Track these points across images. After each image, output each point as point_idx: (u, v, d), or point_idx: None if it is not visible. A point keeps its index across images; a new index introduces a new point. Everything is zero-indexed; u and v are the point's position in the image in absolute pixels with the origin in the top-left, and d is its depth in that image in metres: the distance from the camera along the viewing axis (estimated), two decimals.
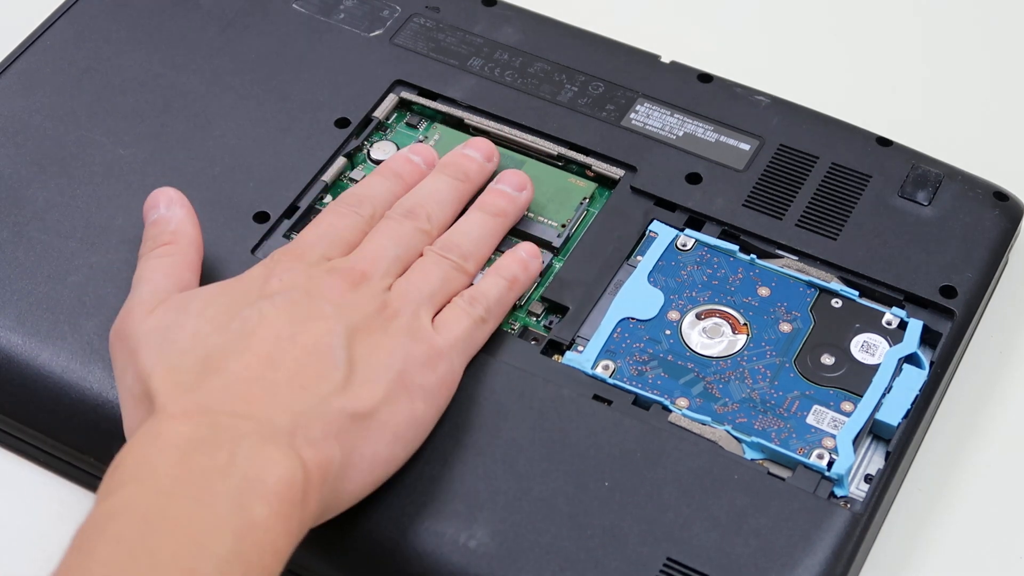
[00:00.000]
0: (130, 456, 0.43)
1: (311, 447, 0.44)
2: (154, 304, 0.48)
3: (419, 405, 0.47)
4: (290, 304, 0.47)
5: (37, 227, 0.55)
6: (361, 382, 0.46)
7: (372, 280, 0.50)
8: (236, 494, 0.41)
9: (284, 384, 0.45)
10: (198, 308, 0.48)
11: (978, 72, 0.66)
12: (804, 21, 0.69)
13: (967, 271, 0.54)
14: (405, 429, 0.47)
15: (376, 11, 0.62)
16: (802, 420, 0.50)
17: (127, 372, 0.47)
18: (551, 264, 0.55)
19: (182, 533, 0.40)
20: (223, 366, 0.45)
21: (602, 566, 0.46)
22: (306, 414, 0.45)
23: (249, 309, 0.47)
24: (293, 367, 0.46)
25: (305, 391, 0.45)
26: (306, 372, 0.46)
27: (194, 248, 0.51)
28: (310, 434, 0.44)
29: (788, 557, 0.46)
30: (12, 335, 0.52)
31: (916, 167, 0.57)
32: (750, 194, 0.56)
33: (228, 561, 0.40)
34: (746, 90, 0.60)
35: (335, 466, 0.44)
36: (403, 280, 0.50)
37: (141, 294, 0.49)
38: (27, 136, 0.58)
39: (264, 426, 0.44)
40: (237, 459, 0.42)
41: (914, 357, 0.52)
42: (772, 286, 0.54)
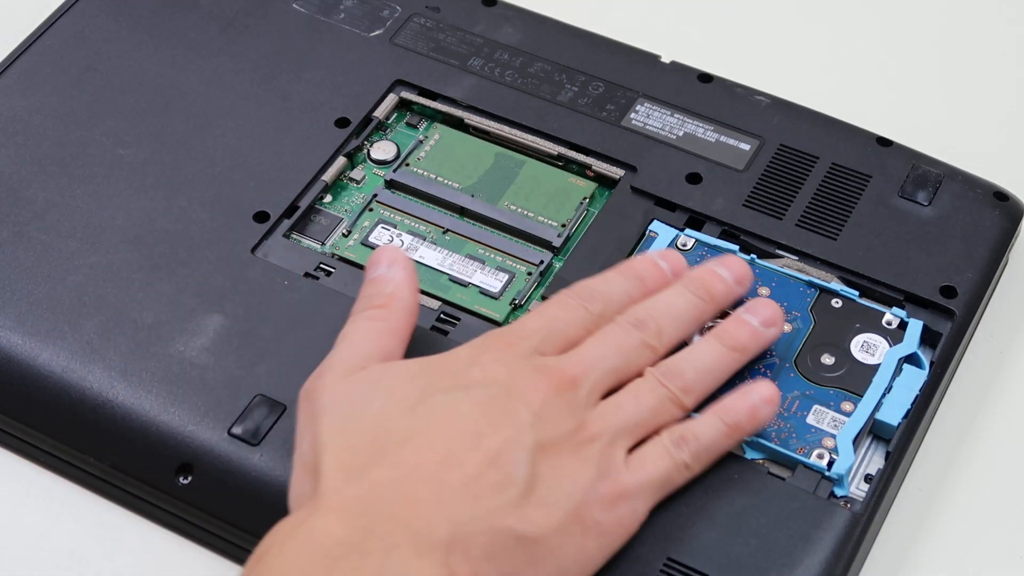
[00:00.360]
0: (281, 556, 0.41)
1: (467, 564, 0.41)
2: (350, 369, 0.46)
3: (591, 543, 0.44)
4: (486, 400, 0.44)
5: (37, 227, 0.55)
6: (537, 504, 0.43)
7: (580, 390, 0.46)
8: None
9: (455, 490, 0.42)
10: (390, 385, 0.45)
11: (978, 72, 0.66)
12: (804, 21, 0.69)
13: (967, 271, 0.54)
14: (571, 564, 0.44)
15: (376, 11, 0.62)
16: (802, 420, 0.50)
17: (305, 436, 0.45)
18: (551, 264, 0.55)
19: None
20: (397, 455, 0.43)
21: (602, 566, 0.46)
22: (470, 527, 0.42)
23: (442, 396, 0.45)
24: (470, 472, 0.43)
25: (475, 502, 0.42)
26: (482, 481, 0.43)
27: (406, 315, 0.48)
28: (470, 551, 0.42)
29: (788, 557, 0.46)
30: (12, 335, 0.52)
31: (916, 167, 0.57)
32: (750, 194, 0.56)
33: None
34: (746, 90, 0.60)
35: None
36: (612, 401, 0.46)
37: (340, 355, 0.47)
38: (27, 136, 0.58)
39: (421, 537, 0.41)
40: (385, 570, 0.40)
41: (914, 357, 0.52)
42: (772, 286, 0.54)
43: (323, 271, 0.55)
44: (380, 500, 0.42)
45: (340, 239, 0.56)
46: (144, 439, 0.50)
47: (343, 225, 0.56)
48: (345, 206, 0.57)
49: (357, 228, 0.56)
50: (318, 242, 0.56)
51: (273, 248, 0.55)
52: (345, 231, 0.56)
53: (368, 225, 0.56)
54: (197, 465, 0.49)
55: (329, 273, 0.54)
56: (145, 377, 0.51)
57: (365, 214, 0.56)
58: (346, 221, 0.56)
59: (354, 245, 0.55)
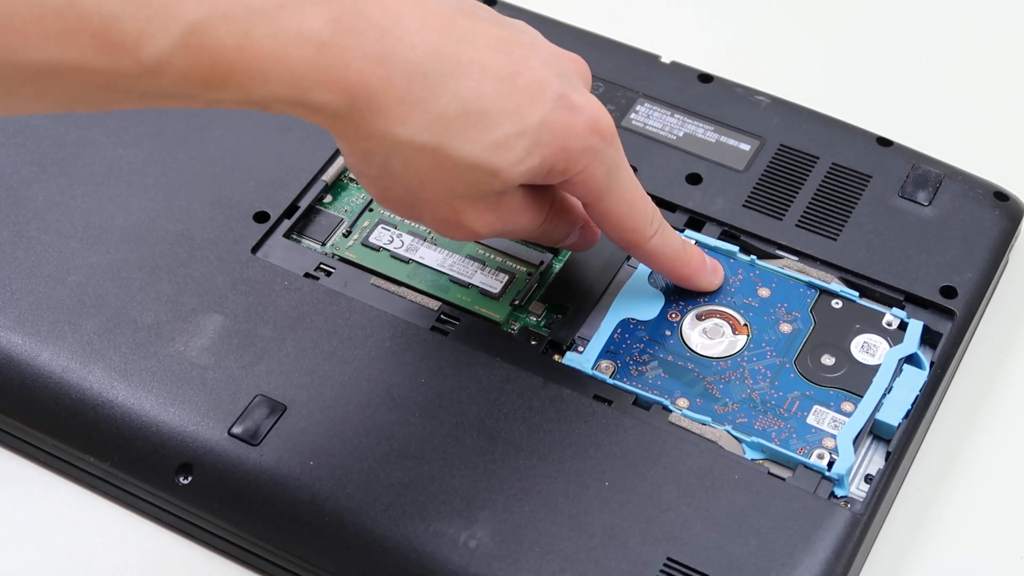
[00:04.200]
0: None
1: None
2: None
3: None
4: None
5: (37, 227, 0.55)
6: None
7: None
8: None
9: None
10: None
11: (978, 72, 0.66)
12: (804, 21, 0.69)
13: (967, 271, 0.54)
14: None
15: None
16: (802, 420, 0.50)
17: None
18: (551, 264, 0.55)
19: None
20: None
21: (602, 566, 0.46)
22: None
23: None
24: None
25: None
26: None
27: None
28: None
29: (788, 557, 0.46)
30: (12, 335, 0.52)
31: (916, 167, 0.57)
32: (750, 194, 0.56)
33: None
34: (746, 90, 0.60)
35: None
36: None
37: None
38: (27, 136, 0.58)
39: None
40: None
41: (914, 357, 0.52)
42: (772, 287, 0.54)
43: (323, 271, 0.55)
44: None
45: (340, 239, 0.56)
46: (144, 439, 0.50)
47: (343, 225, 0.56)
48: (345, 206, 0.57)
49: (357, 228, 0.56)
50: (318, 242, 0.56)
51: (273, 248, 0.55)
52: (345, 231, 0.56)
53: (368, 225, 0.56)
54: (197, 465, 0.49)
55: (329, 273, 0.54)
56: (145, 377, 0.51)
57: (365, 214, 0.56)
58: (346, 221, 0.56)
59: (354, 245, 0.55)
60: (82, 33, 0.37)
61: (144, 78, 0.38)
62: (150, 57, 0.38)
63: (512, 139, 0.43)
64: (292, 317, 0.52)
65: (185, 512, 0.49)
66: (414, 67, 0.41)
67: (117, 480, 0.50)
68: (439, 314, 0.53)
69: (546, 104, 0.43)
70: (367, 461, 0.48)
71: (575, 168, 0.45)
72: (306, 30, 0.39)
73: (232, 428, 0.49)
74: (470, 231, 0.46)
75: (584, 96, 0.45)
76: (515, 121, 0.43)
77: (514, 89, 0.43)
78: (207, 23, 0.38)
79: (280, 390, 0.50)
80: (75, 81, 0.38)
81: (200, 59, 0.38)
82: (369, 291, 0.54)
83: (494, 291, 0.54)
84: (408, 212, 0.46)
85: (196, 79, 0.39)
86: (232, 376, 0.51)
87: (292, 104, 0.41)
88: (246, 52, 0.39)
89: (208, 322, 0.52)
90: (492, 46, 0.43)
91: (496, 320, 0.53)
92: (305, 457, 0.49)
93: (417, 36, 0.41)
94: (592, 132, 0.45)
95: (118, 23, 0.37)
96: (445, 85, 0.42)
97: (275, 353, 0.51)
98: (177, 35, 0.38)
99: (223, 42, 0.38)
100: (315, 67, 0.40)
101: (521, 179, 0.44)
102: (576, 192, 0.47)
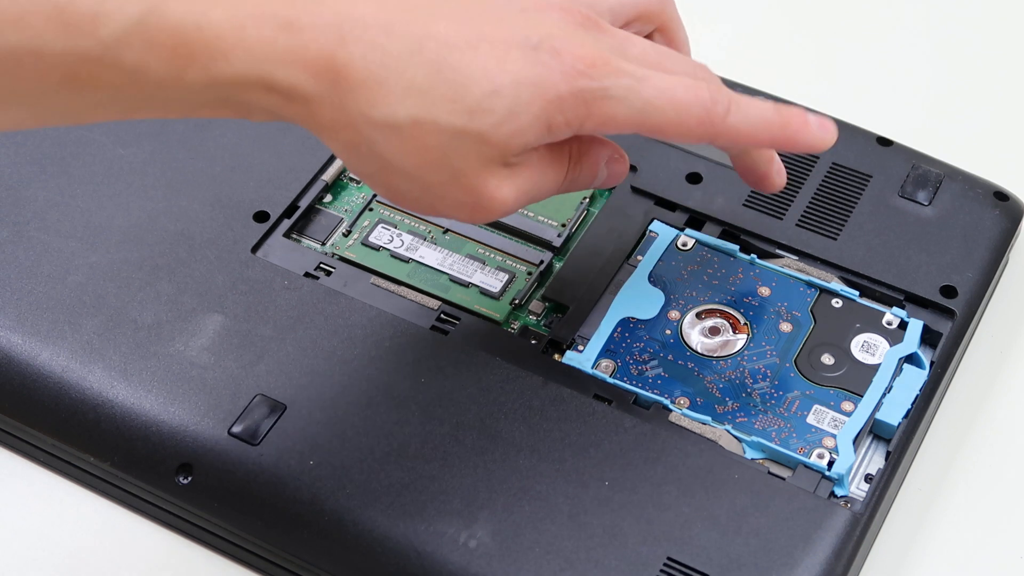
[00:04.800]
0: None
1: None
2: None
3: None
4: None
5: (37, 227, 0.55)
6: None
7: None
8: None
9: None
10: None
11: (978, 72, 0.66)
12: (804, 21, 0.69)
13: (967, 271, 0.54)
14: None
15: None
16: (802, 420, 0.50)
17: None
18: (551, 264, 0.55)
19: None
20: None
21: (602, 566, 0.46)
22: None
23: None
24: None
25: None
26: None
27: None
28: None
29: (788, 557, 0.46)
30: (12, 335, 0.52)
31: (916, 167, 0.57)
32: (750, 194, 0.56)
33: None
34: (746, 90, 0.60)
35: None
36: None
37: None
38: (27, 136, 0.58)
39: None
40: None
41: (914, 357, 0.52)
42: (772, 286, 0.54)
43: (323, 271, 0.55)
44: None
45: (340, 239, 0.56)
46: (144, 439, 0.50)
47: (343, 225, 0.56)
48: (345, 206, 0.57)
49: (357, 228, 0.56)
50: (318, 242, 0.56)
51: (273, 248, 0.55)
52: (345, 231, 0.56)
53: (368, 225, 0.56)
54: (197, 465, 0.49)
55: (329, 273, 0.54)
56: (145, 377, 0.51)
57: (365, 214, 0.56)
58: (346, 221, 0.56)
59: (354, 245, 0.55)
60: (37, 15, 0.37)
61: (107, 60, 0.38)
62: (109, 35, 0.38)
63: (487, 101, 0.42)
64: (292, 317, 0.52)
65: (185, 512, 0.49)
66: (372, 48, 0.41)
67: (117, 480, 0.50)
68: (439, 314, 0.53)
69: (515, 61, 0.42)
70: (367, 461, 0.48)
71: (580, 116, 0.43)
72: (263, 11, 0.40)
73: (232, 428, 0.49)
74: (493, 208, 0.44)
75: (566, 39, 0.43)
76: (485, 83, 0.42)
77: (478, 54, 0.42)
78: (162, 2, 0.38)
79: (280, 390, 0.50)
80: (37, 71, 0.38)
81: (160, 38, 0.39)
82: (369, 291, 0.54)
83: (494, 290, 0.54)
84: (425, 206, 0.45)
85: (160, 58, 0.39)
86: (232, 376, 0.51)
87: (262, 87, 0.40)
88: (205, 31, 0.39)
89: (208, 322, 0.52)
90: (452, 17, 0.43)
91: (496, 319, 0.53)
92: (305, 457, 0.49)
93: (371, 18, 0.41)
94: (577, 74, 0.43)
95: (72, 3, 0.37)
96: (407, 60, 0.42)
97: (275, 353, 0.51)
98: (134, 15, 0.38)
99: (182, 20, 0.39)
100: (275, 46, 0.40)
101: (518, 142, 0.43)
102: (608, 133, 0.45)
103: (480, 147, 0.43)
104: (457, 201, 0.44)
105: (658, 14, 0.48)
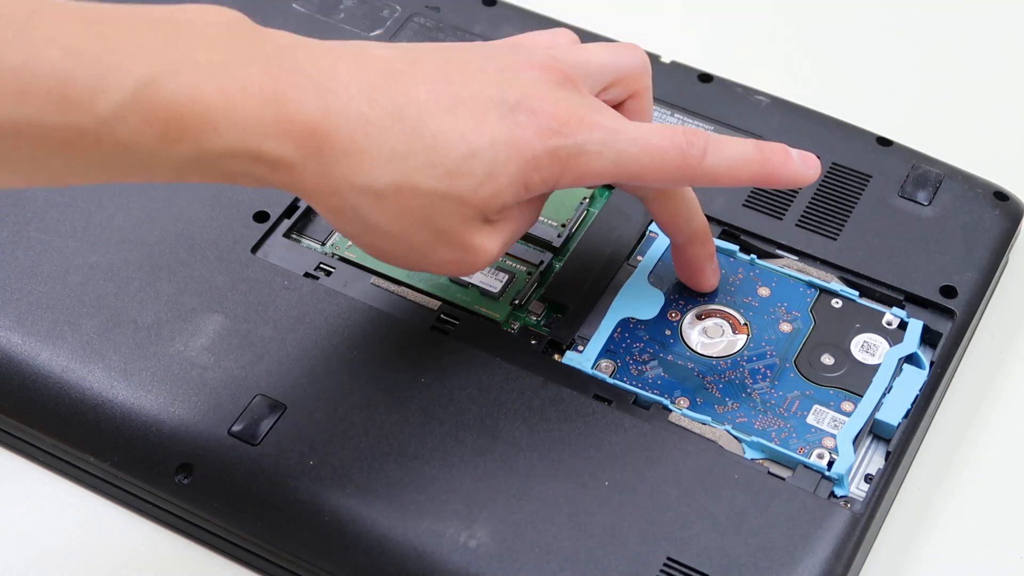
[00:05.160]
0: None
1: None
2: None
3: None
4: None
5: (37, 227, 0.55)
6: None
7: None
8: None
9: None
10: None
11: (978, 72, 0.66)
12: (804, 21, 0.69)
13: (967, 271, 0.54)
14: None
15: (376, 11, 0.62)
16: (802, 420, 0.50)
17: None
18: (551, 264, 0.55)
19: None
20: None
21: (602, 566, 0.46)
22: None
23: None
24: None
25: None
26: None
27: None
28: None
29: (788, 557, 0.46)
30: (12, 335, 0.52)
31: (916, 167, 0.57)
32: (750, 194, 0.56)
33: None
34: (746, 90, 0.60)
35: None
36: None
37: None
38: None
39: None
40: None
41: (914, 357, 0.52)
42: (772, 286, 0.54)
43: (323, 271, 0.55)
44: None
45: (340, 239, 0.56)
46: (144, 439, 0.50)
47: None
48: None
49: None
50: (318, 242, 0.56)
51: (273, 248, 0.55)
52: None
53: None
54: (197, 465, 0.49)
55: (329, 273, 0.54)
56: (145, 377, 0.51)
57: None
58: None
59: (354, 245, 0.55)
60: (39, 90, 0.38)
61: (102, 133, 0.40)
62: (106, 111, 0.39)
63: (466, 164, 0.43)
64: (292, 317, 0.52)
65: (185, 512, 0.49)
66: (354, 118, 0.42)
67: (117, 480, 0.50)
68: (439, 314, 0.53)
69: (491, 122, 0.43)
70: (367, 461, 0.48)
71: (556, 173, 0.45)
72: (250, 85, 0.41)
73: (232, 428, 0.49)
74: (478, 262, 0.46)
75: (542, 99, 0.44)
76: (463, 146, 0.43)
77: (456, 117, 0.43)
78: (157, 78, 0.40)
79: (280, 390, 0.50)
80: (35, 140, 0.39)
81: (154, 112, 0.40)
82: (369, 291, 0.54)
83: (494, 291, 0.54)
84: (412, 263, 0.46)
85: (153, 132, 0.40)
86: (232, 376, 0.51)
87: (249, 158, 0.42)
88: (197, 105, 0.40)
89: (208, 322, 0.52)
90: (431, 81, 0.44)
91: (496, 320, 0.53)
92: (305, 457, 0.49)
93: (353, 88, 0.43)
94: (552, 133, 0.44)
95: (72, 80, 0.39)
96: (388, 128, 0.43)
97: (275, 353, 0.51)
98: (130, 90, 0.39)
99: (175, 95, 0.40)
100: (262, 120, 0.41)
101: (497, 202, 0.44)
102: (589, 185, 0.46)
103: (461, 208, 0.44)
104: (442, 259, 0.45)
105: (636, 79, 0.48)
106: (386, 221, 0.44)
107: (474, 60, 0.45)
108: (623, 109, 0.48)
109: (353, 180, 0.43)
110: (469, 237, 0.45)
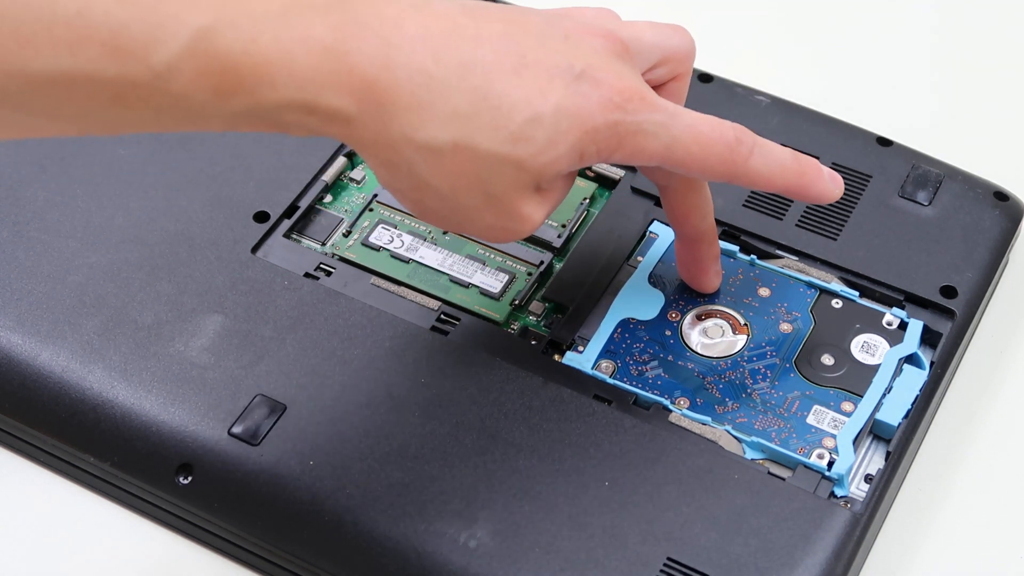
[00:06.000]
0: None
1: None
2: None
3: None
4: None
5: (37, 227, 0.55)
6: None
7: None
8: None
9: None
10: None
11: (978, 72, 0.66)
12: (804, 21, 0.69)
13: (967, 271, 0.54)
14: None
15: None
16: (802, 420, 0.50)
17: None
18: (551, 264, 0.55)
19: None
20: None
21: (602, 566, 0.46)
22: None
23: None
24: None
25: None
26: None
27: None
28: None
29: (788, 557, 0.46)
30: (12, 335, 0.52)
31: (916, 167, 0.57)
32: (750, 194, 0.56)
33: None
34: (746, 90, 0.60)
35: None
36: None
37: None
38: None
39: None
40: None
41: (914, 357, 0.52)
42: (772, 286, 0.54)
43: (323, 271, 0.55)
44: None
45: (340, 239, 0.56)
46: (144, 439, 0.50)
47: (343, 225, 0.56)
48: (345, 206, 0.57)
49: (357, 228, 0.56)
50: (318, 242, 0.56)
51: (273, 248, 0.55)
52: (345, 231, 0.56)
53: (368, 225, 0.56)
54: (197, 465, 0.49)
55: (329, 273, 0.54)
56: (145, 377, 0.51)
57: (365, 214, 0.56)
58: (346, 221, 0.56)
59: (354, 245, 0.55)
60: (92, 41, 0.37)
61: (156, 86, 0.39)
62: (160, 63, 0.38)
63: (529, 129, 0.42)
64: (292, 317, 0.52)
65: (185, 512, 0.49)
66: (417, 73, 0.41)
67: (117, 480, 0.50)
68: (439, 314, 0.53)
69: (557, 90, 0.43)
70: (367, 461, 0.48)
71: (611, 147, 0.44)
72: (309, 36, 0.40)
73: (232, 428, 0.49)
74: (522, 230, 0.45)
75: (605, 70, 0.44)
76: (527, 111, 0.42)
77: (521, 81, 0.42)
78: (214, 29, 0.39)
79: (280, 390, 0.50)
80: (87, 92, 0.38)
81: (209, 65, 0.39)
82: (369, 291, 0.54)
83: (494, 291, 0.54)
84: (453, 225, 0.45)
85: (207, 85, 0.39)
86: (232, 376, 0.51)
87: (304, 110, 0.41)
88: (253, 57, 0.39)
89: (208, 322, 0.52)
90: (496, 41, 0.43)
91: (496, 320, 0.53)
92: (305, 457, 0.49)
93: (418, 42, 0.42)
94: (612, 107, 0.44)
95: (127, 30, 0.38)
96: (452, 86, 0.42)
97: (275, 353, 0.51)
98: (185, 41, 0.38)
99: (230, 47, 0.39)
100: (320, 72, 0.40)
101: (553, 169, 0.43)
102: (636, 164, 0.46)
103: (517, 174, 0.43)
104: (487, 223, 0.44)
105: (683, 61, 0.48)
106: (439, 180, 0.43)
107: (538, 23, 0.44)
108: (663, 91, 0.48)
109: (412, 136, 0.42)
110: (519, 204, 0.44)
